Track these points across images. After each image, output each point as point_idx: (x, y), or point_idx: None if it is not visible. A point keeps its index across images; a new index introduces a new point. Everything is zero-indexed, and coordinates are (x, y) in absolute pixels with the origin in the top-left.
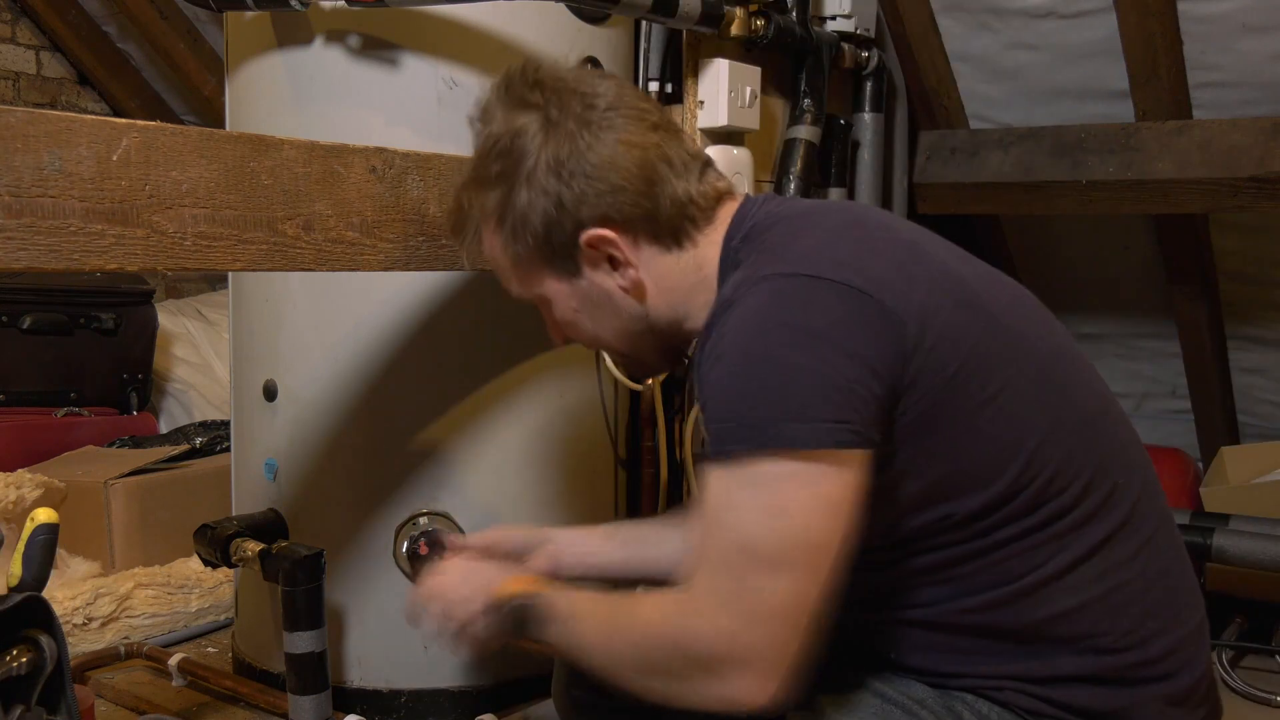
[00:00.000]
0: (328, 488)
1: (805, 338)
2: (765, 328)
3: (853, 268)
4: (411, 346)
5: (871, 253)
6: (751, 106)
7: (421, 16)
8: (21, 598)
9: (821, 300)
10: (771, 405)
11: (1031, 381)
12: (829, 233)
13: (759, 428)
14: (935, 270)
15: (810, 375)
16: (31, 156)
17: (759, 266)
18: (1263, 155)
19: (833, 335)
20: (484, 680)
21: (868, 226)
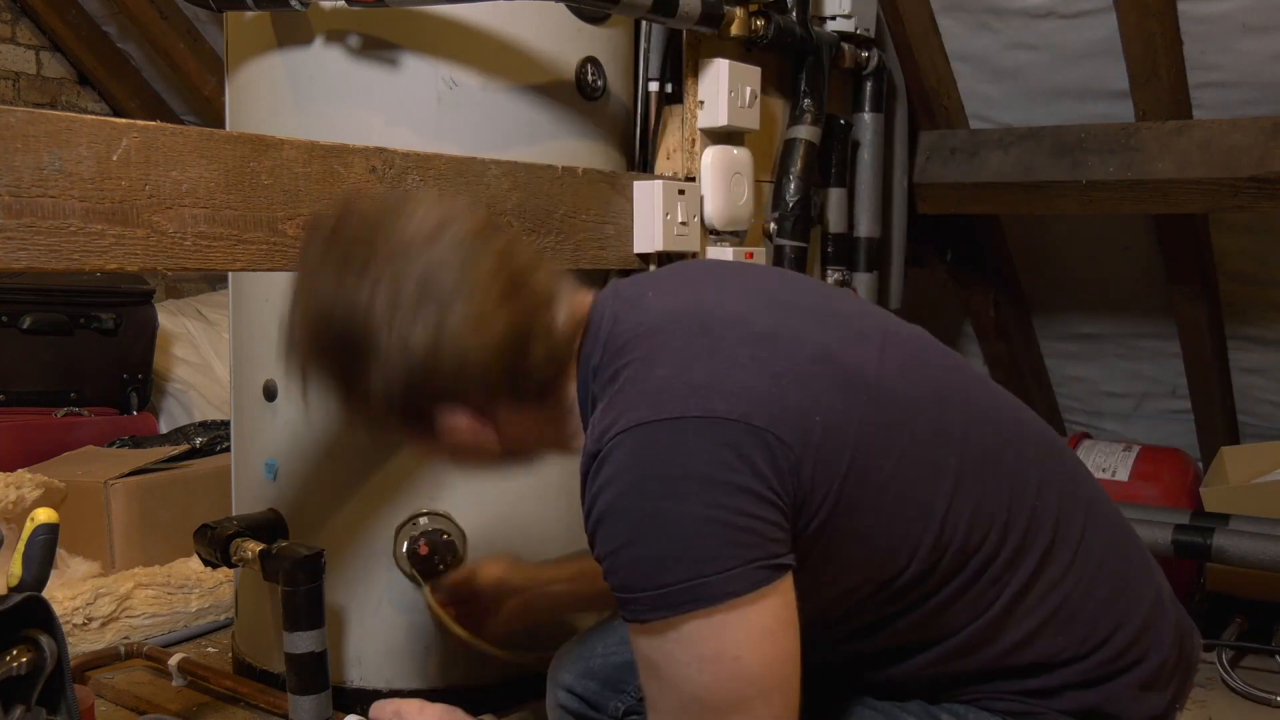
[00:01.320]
0: (328, 488)
1: (687, 486)
2: (643, 487)
3: (716, 393)
4: None
5: (730, 365)
6: (751, 106)
7: (421, 16)
8: (21, 598)
9: (691, 442)
10: (676, 569)
11: (924, 443)
12: (679, 352)
13: (671, 596)
14: (800, 358)
15: (705, 524)
16: (31, 156)
17: (617, 412)
18: (1263, 155)
19: (714, 475)
20: (484, 680)
21: (718, 329)
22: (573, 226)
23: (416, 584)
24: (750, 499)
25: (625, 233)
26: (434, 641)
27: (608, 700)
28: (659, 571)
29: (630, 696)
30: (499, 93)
